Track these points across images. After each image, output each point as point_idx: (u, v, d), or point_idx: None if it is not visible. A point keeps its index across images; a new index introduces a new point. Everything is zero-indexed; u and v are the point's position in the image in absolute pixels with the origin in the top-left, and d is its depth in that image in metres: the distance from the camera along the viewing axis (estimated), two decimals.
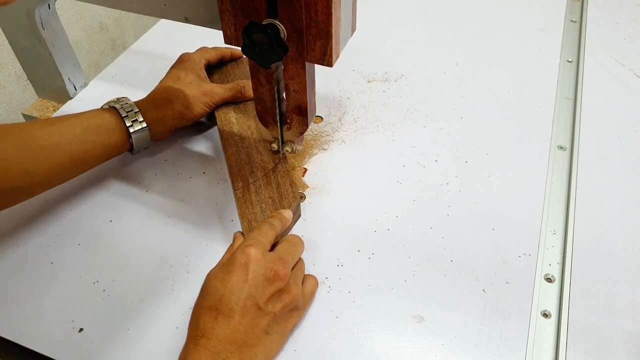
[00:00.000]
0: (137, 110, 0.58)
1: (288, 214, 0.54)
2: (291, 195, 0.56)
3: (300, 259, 0.52)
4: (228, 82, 0.68)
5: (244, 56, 0.71)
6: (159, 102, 0.60)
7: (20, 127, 0.53)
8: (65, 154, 0.54)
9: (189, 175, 0.62)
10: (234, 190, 0.57)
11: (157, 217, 0.58)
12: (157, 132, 0.60)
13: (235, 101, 0.67)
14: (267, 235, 0.49)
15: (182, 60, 0.67)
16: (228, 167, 0.60)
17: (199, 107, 0.63)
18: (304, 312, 0.49)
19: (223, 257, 0.51)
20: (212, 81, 0.68)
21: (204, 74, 0.66)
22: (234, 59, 0.73)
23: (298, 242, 0.51)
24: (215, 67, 0.71)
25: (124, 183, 0.61)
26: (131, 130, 0.57)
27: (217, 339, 0.42)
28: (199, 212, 0.58)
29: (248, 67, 0.69)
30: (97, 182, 0.61)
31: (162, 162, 0.63)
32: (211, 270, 0.47)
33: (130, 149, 0.59)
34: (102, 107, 0.60)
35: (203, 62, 0.67)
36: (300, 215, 0.58)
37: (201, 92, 0.63)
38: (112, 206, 0.59)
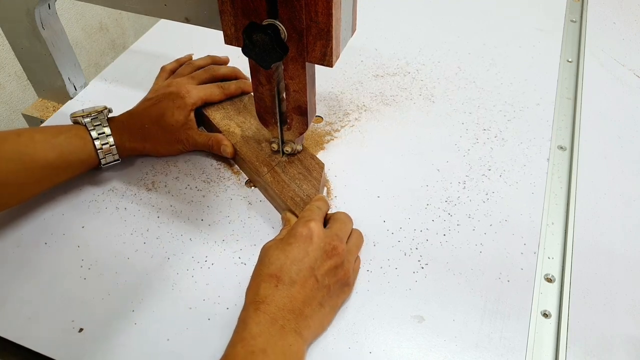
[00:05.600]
0: (113, 143, 0.58)
1: (326, 199, 0.56)
2: (317, 167, 0.58)
3: (359, 236, 0.53)
4: (225, 118, 0.64)
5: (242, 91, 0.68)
6: (134, 135, 0.60)
7: None
8: (33, 178, 0.54)
9: (189, 175, 0.62)
10: (261, 175, 0.58)
11: (157, 217, 0.58)
12: (127, 157, 0.61)
13: (229, 98, 0.66)
14: (319, 214, 0.51)
15: (175, 95, 0.61)
16: (243, 158, 0.60)
17: (171, 152, 0.63)
18: (352, 289, 0.50)
19: (280, 233, 0.52)
20: (207, 113, 0.64)
21: (190, 116, 0.61)
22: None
23: (347, 220, 0.53)
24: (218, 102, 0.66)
25: (124, 183, 0.61)
26: (103, 162, 0.58)
27: (277, 306, 0.44)
28: (199, 212, 0.58)
29: (244, 106, 0.66)
30: (96, 182, 0.61)
31: (161, 162, 0.63)
32: (268, 243, 0.49)
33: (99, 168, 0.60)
34: (77, 117, 0.58)
35: (198, 103, 0.62)
36: (326, 181, 0.60)
37: (176, 139, 0.61)
38: (112, 206, 0.59)
